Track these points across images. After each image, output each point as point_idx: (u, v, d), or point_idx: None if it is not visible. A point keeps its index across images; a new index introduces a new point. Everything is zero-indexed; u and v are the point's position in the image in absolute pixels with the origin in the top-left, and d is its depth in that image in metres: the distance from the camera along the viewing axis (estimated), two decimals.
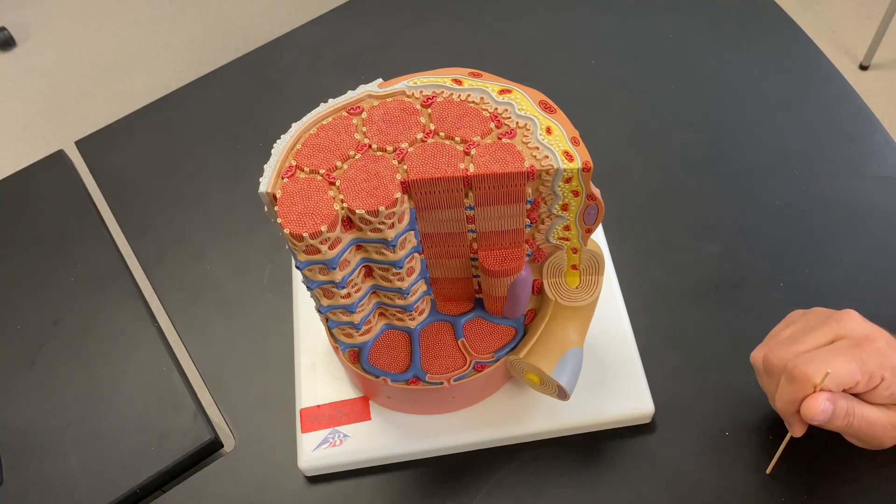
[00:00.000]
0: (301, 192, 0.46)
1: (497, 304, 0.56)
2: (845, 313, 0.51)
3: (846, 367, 0.47)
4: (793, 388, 0.49)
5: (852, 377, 0.48)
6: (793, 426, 0.52)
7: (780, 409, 0.52)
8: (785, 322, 0.55)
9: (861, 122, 0.76)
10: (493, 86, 0.49)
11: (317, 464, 0.60)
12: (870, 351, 0.48)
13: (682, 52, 0.83)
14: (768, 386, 0.54)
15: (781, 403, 0.51)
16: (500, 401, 0.61)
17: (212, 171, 0.79)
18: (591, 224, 0.51)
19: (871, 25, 1.80)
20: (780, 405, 0.51)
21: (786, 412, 0.51)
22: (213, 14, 2.06)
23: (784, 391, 0.50)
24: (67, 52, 2.03)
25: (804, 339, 0.50)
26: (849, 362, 0.48)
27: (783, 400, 0.50)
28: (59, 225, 0.76)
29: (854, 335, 0.49)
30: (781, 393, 0.50)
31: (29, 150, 1.86)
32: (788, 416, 0.51)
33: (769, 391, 0.54)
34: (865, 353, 0.48)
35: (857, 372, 0.48)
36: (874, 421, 0.50)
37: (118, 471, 0.62)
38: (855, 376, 0.48)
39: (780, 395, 0.51)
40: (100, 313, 0.71)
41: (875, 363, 0.48)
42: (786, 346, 0.51)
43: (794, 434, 0.52)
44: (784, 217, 0.71)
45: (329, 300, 0.51)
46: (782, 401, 0.51)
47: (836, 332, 0.50)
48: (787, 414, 0.51)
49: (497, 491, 0.60)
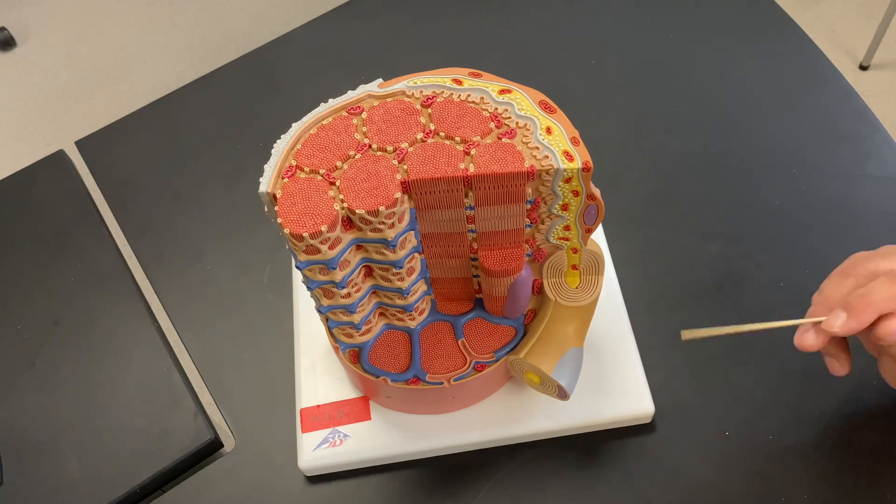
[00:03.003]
0: (301, 192, 0.46)
1: (497, 304, 0.56)
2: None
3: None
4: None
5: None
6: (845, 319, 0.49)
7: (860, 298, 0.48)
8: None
9: (861, 122, 0.76)
10: (493, 86, 0.49)
11: (317, 464, 0.60)
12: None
13: (682, 52, 0.83)
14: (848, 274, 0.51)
15: (872, 295, 0.48)
16: (500, 401, 0.61)
17: (212, 171, 0.79)
18: (591, 224, 0.51)
19: (871, 25, 1.80)
20: (865, 296, 0.48)
21: (862, 301, 0.48)
22: (214, 14, 2.06)
23: (882, 286, 0.48)
24: (67, 52, 2.03)
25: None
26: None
27: (878, 293, 0.48)
28: (59, 225, 0.76)
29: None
30: (878, 286, 0.48)
31: (29, 150, 1.86)
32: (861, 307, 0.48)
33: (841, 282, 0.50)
34: None
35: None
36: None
37: (118, 471, 0.62)
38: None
39: (875, 287, 0.48)
40: (100, 313, 0.71)
41: None
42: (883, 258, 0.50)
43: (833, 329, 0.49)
44: (784, 217, 0.71)
45: (329, 300, 0.51)
46: (876, 293, 0.48)
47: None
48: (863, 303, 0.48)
49: (497, 491, 0.60)
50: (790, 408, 0.61)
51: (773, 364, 0.63)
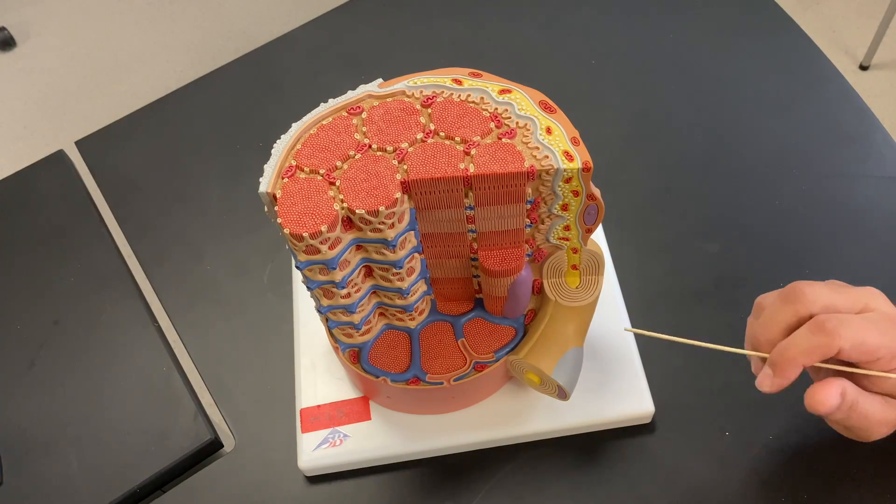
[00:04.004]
0: (301, 192, 0.46)
1: (497, 304, 0.56)
2: (872, 289, 0.49)
3: (877, 340, 0.45)
4: (816, 340, 0.45)
5: (878, 351, 0.46)
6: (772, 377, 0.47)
7: (780, 355, 0.47)
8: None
9: (861, 122, 0.76)
10: (493, 86, 0.49)
11: (317, 464, 0.60)
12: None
13: (682, 52, 0.83)
14: (774, 316, 0.48)
15: (790, 350, 0.46)
16: (500, 401, 0.61)
17: (212, 171, 0.79)
18: (591, 224, 0.51)
19: (871, 25, 1.80)
20: (785, 351, 0.46)
21: (782, 358, 0.46)
22: (214, 14, 2.06)
23: (801, 339, 0.46)
24: (67, 52, 2.03)
25: (843, 291, 0.48)
26: (880, 336, 0.46)
27: (796, 347, 0.46)
28: (59, 225, 0.76)
29: (884, 311, 0.47)
30: (797, 340, 0.46)
31: (29, 150, 1.86)
32: (783, 364, 0.46)
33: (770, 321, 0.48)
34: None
35: (885, 347, 0.46)
36: (871, 416, 0.48)
37: (118, 471, 0.62)
38: (881, 351, 0.46)
39: (795, 341, 0.46)
40: (100, 313, 0.71)
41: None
42: (825, 288, 0.47)
43: (762, 389, 0.48)
44: (784, 217, 0.71)
45: (329, 300, 0.51)
46: (794, 347, 0.46)
47: (867, 303, 0.48)
48: (783, 360, 0.46)
49: (497, 491, 0.60)
50: (790, 408, 0.61)
51: None
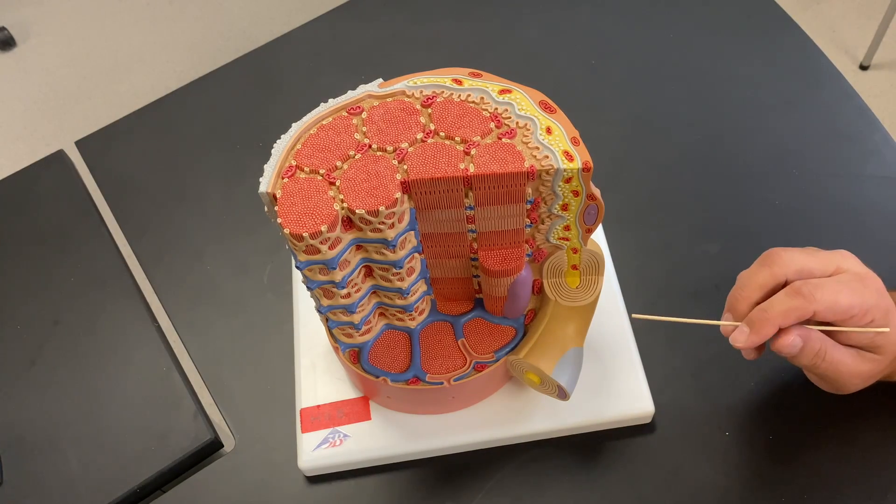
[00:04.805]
0: (301, 192, 0.46)
1: (497, 304, 0.56)
2: (843, 251, 0.52)
3: (849, 300, 0.49)
4: (792, 303, 0.49)
5: (851, 310, 0.49)
6: (748, 334, 0.50)
7: (759, 314, 0.50)
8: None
9: (861, 122, 0.76)
10: (493, 86, 0.49)
11: (317, 464, 0.60)
12: (871, 289, 0.50)
13: (682, 52, 0.83)
14: (752, 278, 0.51)
15: (769, 311, 0.49)
16: (500, 401, 0.61)
17: (212, 171, 0.79)
18: (591, 224, 0.51)
19: (871, 25, 1.80)
20: (763, 312, 0.49)
21: (760, 318, 0.49)
22: (213, 14, 2.06)
23: (779, 301, 0.49)
24: (67, 52, 2.03)
25: (816, 255, 0.51)
26: (852, 295, 0.49)
27: (774, 308, 0.49)
28: (59, 225, 0.76)
29: (855, 271, 0.51)
30: (776, 302, 0.49)
31: (29, 150, 1.86)
32: (760, 323, 0.49)
33: (748, 282, 0.51)
34: (867, 290, 0.50)
35: (857, 306, 0.49)
36: (842, 366, 0.51)
37: (118, 471, 0.62)
38: (853, 310, 0.49)
39: (774, 303, 0.49)
40: (100, 313, 0.71)
41: (872, 300, 0.49)
42: (800, 252, 0.51)
43: (736, 344, 0.51)
44: (784, 217, 0.71)
45: (329, 300, 0.51)
46: (772, 309, 0.49)
47: (839, 265, 0.51)
48: (761, 319, 0.49)
49: (497, 491, 0.60)
50: (790, 408, 0.61)
51: (772, 364, 0.63)
